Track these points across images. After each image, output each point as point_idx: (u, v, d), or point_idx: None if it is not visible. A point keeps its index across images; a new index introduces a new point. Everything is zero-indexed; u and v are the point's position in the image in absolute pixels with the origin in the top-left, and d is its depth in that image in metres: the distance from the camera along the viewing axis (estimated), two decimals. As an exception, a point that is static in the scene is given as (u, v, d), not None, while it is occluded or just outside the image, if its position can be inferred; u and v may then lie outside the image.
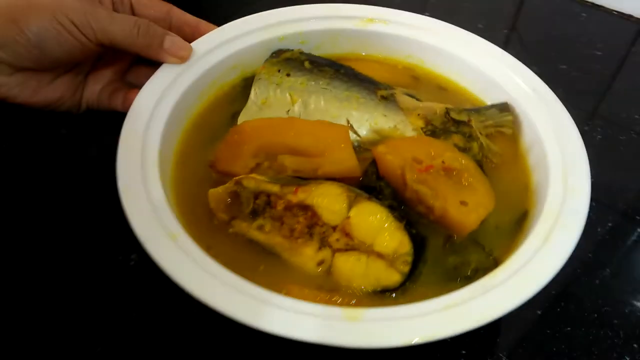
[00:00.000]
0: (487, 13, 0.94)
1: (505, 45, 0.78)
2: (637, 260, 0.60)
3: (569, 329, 0.54)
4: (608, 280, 0.58)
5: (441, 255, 0.51)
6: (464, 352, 0.51)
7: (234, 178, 0.51)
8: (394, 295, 0.48)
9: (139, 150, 0.52)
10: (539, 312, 0.55)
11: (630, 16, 0.94)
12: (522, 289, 0.43)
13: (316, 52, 0.67)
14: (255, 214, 0.51)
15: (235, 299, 0.42)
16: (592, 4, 0.96)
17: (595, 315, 0.55)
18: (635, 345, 0.53)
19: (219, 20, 0.66)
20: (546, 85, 0.60)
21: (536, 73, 0.62)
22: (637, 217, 0.64)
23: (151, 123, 0.54)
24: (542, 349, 0.52)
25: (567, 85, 0.58)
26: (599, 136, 0.55)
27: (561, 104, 0.58)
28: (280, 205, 0.50)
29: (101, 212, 0.60)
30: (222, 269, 0.44)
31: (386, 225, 0.48)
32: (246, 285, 0.43)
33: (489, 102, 0.64)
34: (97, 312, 0.53)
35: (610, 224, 0.63)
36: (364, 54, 0.70)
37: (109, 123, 0.56)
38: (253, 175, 0.51)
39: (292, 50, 0.65)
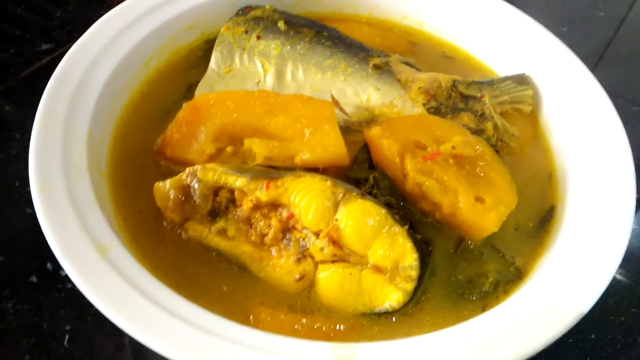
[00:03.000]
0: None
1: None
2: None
3: (592, 336, 0.45)
4: (626, 278, 0.50)
5: (451, 264, 0.41)
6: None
7: (188, 168, 0.40)
8: (393, 318, 0.38)
9: (59, 135, 0.40)
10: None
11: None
12: (565, 312, 0.33)
13: (292, 11, 0.56)
14: (215, 214, 0.40)
15: (187, 337, 0.31)
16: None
17: (622, 318, 0.47)
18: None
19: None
20: (572, 52, 0.50)
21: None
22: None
23: (78, 98, 0.43)
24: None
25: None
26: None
27: (591, 75, 0.48)
28: (247, 204, 0.39)
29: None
30: (168, 290, 0.34)
31: (385, 230, 0.37)
32: (202, 314, 0.33)
33: (502, 73, 0.53)
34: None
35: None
36: (350, 13, 0.58)
37: (27, 103, 0.44)
38: (212, 164, 0.40)
39: (263, 7, 0.53)
